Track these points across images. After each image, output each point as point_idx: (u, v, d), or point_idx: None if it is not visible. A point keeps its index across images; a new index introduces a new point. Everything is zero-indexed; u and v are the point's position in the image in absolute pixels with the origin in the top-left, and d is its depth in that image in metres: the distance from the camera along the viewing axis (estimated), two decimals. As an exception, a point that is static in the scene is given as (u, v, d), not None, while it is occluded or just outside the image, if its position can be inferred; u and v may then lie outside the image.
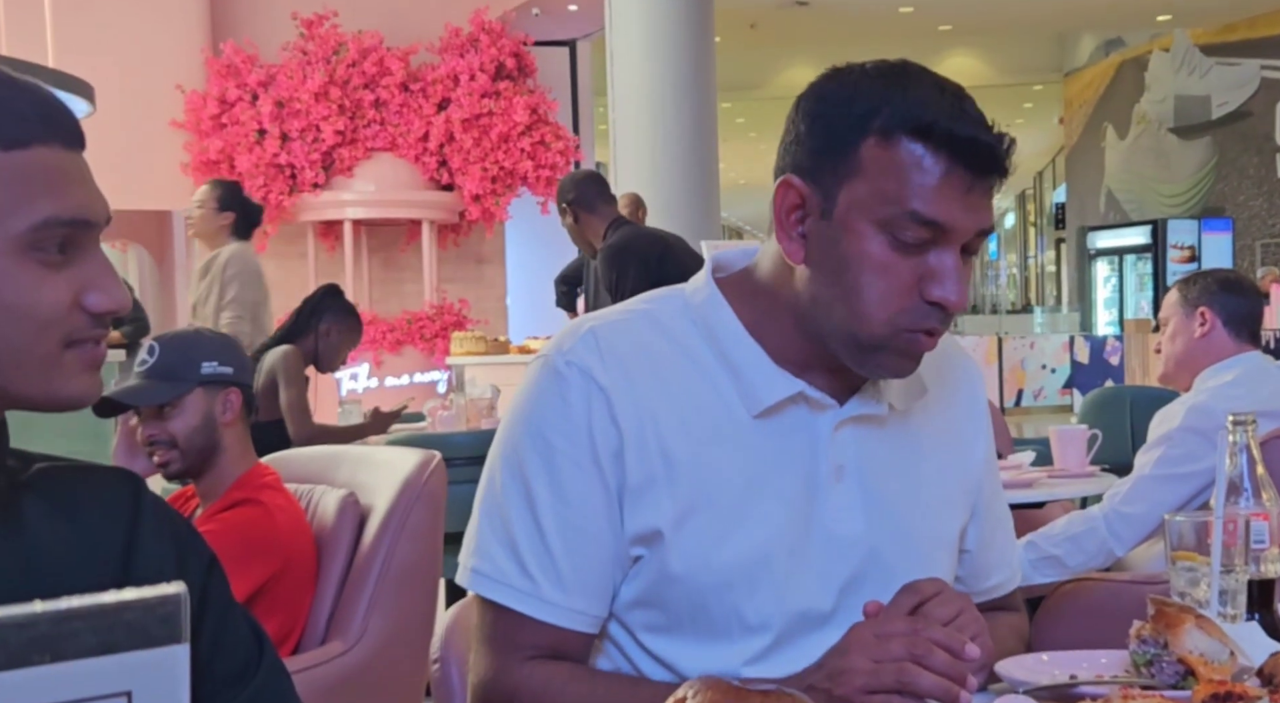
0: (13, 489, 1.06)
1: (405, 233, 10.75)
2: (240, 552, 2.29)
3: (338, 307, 4.73)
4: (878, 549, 1.36)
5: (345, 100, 9.97)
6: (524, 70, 10.44)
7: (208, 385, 2.46)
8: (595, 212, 4.86)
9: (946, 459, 1.45)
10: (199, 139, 10.01)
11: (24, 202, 0.98)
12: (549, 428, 1.32)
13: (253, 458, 2.53)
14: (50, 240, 0.99)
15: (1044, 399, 14.52)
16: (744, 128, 21.08)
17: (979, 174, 1.24)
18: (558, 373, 1.32)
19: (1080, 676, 1.32)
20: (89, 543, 1.08)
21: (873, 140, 1.24)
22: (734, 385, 1.33)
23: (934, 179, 1.22)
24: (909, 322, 1.26)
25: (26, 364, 0.99)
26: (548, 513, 1.31)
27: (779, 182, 1.30)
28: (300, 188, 9.99)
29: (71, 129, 1.03)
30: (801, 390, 1.32)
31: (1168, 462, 2.82)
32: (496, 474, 1.36)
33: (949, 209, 1.22)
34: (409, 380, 10.05)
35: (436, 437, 4.45)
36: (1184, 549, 1.41)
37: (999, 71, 19.50)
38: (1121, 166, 18.92)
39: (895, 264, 1.24)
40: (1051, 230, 24.90)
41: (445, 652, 1.52)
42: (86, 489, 1.11)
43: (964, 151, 1.22)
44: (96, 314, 1.02)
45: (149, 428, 2.45)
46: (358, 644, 2.38)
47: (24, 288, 0.98)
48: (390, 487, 2.49)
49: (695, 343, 1.35)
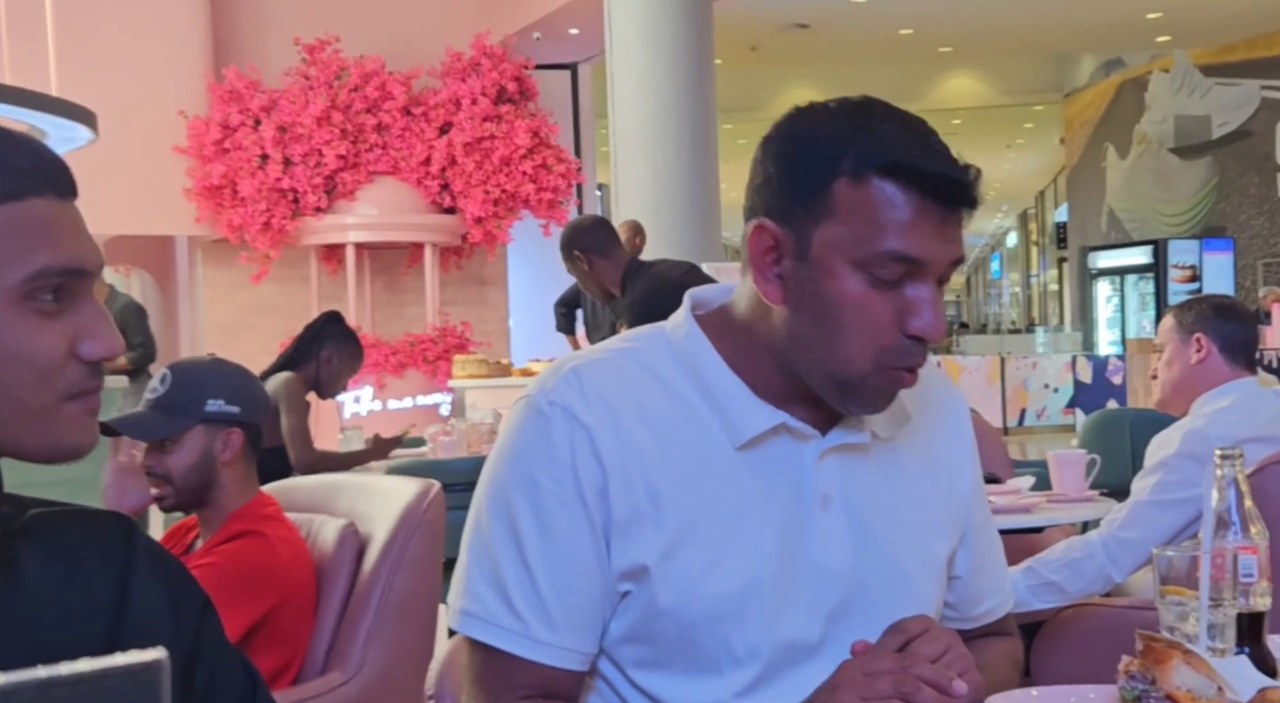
0: (7, 537, 1.07)
1: (407, 256, 10.77)
2: (241, 584, 2.29)
3: (339, 333, 4.74)
4: (865, 578, 1.36)
5: (347, 124, 10.00)
6: (525, 94, 10.48)
7: (210, 423, 2.44)
8: (609, 256, 4.81)
9: (932, 486, 1.45)
10: (202, 164, 10.04)
11: (20, 253, 0.99)
12: (534, 467, 1.32)
13: (254, 490, 2.52)
14: (45, 290, 1.01)
15: (1047, 419, 14.51)
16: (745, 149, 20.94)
17: (949, 207, 1.25)
18: (540, 412, 1.33)
19: (1071, 712, 1.32)
20: (83, 589, 1.09)
21: (843, 181, 1.25)
22: (716, 419, 1.34)
23: (907, 215, 1.23)
24: (891, 360, 1.27)
25: (26, 415, 1.01)
26: (534, 552, 1.31)
27: (752, 225, 1.31)
28: (303, 212, 10.02)
29: (64, 179, 1.05)
30: (784, 422, 1.33)
31: (1164, 487, 2.82)
32: (483, 515, 1.36)
33: (923, 244, 1.24)
34: (412, 403, 10.06)
35: (437, 463, 4.46)
36: (1173, 583, 1.41)
37: (1000, 92, 19.55)
38: (1122, 186, 18.95)
39: (873, 301, 1.25)
40: (1053, 250, 24.91)
41: (440, 689, 1.52)
42: (80, 535, 1.12)
43: (934, 187, 1.23)
44: (91, 362, 1.04)
45: (149, 459, 2.45)
46: (357, 675, 2.38)
47: (21, 337, 0.99)
48: (390, 516, 2.50)
49: (677, 378, 1.35)
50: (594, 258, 4.76)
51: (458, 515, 3.73)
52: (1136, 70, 18.48)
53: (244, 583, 2.31)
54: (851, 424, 1.37)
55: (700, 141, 8.51)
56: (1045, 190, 26.11)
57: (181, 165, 10.10)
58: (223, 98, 10.06)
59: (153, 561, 1.15)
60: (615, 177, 8.65)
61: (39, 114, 5.83)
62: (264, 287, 10.41)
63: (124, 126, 8.82)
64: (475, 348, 10.12)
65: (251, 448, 2.51)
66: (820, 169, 1.26)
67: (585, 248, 4.78)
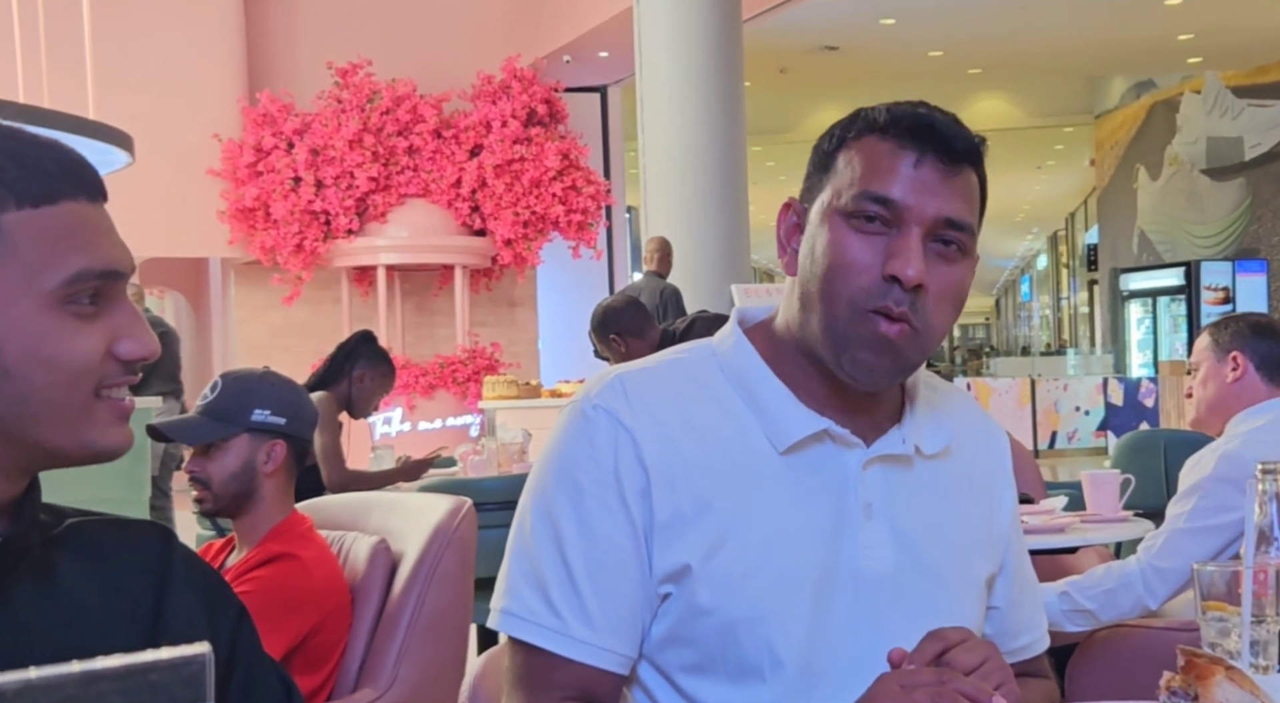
0: (46, 545, 1.07)
1: (438, 278, 10.81)
2: (279, 610, 2.30)
3: (371, 353, 4.76)
4: (905, 588, 1.36)
5: (379, 147, 10.06)
6: (555, 116, 10.52)
7: (255, 433, 2.46)
8: (644, 337, 4.80)
9: (974, 509, 1.46)
10: (235, 187, 10.12)
11: (56, 257, 1.00)
12: (577, 470, 1.34)
13: (290, 507, 2.52)
14: (82, 293, 1.01)
15: (1078, 441, 14.41)
16: (774, 171, 21.14)
17: (927, 152, 1.30)
18: (585, 417, 1.36)
19: (1109, 730, 1.31)
20: (121, 597, 1.09)
21: (844, 149, 1.34)
22: (761, 424, 1.36)
23: (890, 161, 1.30)
24: (866, 300, 1.30)
25: (60, 416, 1.01)
26: (576, 553, 1.33)
27: (781, 207, 1.40)
28: (334, 234, 10.08)
29: (95, 183, 1.05)
30: (827, 428, 1.35)
31: (1201, 513, 2.78)
32: (526, 518, 1.38)
33: (901, 187, 1.29)
34: (442, 424, 10.08)
35: (468, 482, 4.45)
36: (1214, 599, 1.40)
37: (1029, 114, 19.50)
38: (1154, 208, 18.85)
39: (857, 248, 1.30)
40: (1084, 272, 24.78)
41: (474, 700, 1.52)
42: (118, 543, 1.12)
43: (912, 131, 1.30)
44: (127, 362, 1.04)
45: (192, 463, 2.47)
46: (389, 692, 2.38)
47: (60, 340, 1.00)
48: (421, 534, 2.50)
49: (723, 387, 1.38)
50: (630, 340, 4.76)
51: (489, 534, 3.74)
52: (1168, 92, 18.40)
53: (282, 608, 2.31)
54: (894, 438, 1.39)
55: (729, 163, 8.52)
56: (1075, 212, 26.00)
57: (215, 188, 10.18)
58: (256, 121, 10.14)
59: (189, 571, 1.15)
60: (645, 198, 8.66)
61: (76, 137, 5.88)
62: (296, 308, 10.47)
63: (159, 150, 8.90)
64: (505, 369, 10.13)
65: (295, 462, 2.52)
66: (831, 145, 1.35)
67: (622, 331, 4.80)
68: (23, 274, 0.99)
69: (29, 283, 0.99)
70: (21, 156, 1.01)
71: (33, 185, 1.00)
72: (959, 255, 1.32)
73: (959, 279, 1.33)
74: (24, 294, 0.99)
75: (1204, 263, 16.95)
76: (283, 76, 10.55)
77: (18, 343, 0.99)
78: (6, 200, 0.99)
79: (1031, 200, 26.41)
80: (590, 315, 4.97)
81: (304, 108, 10.26)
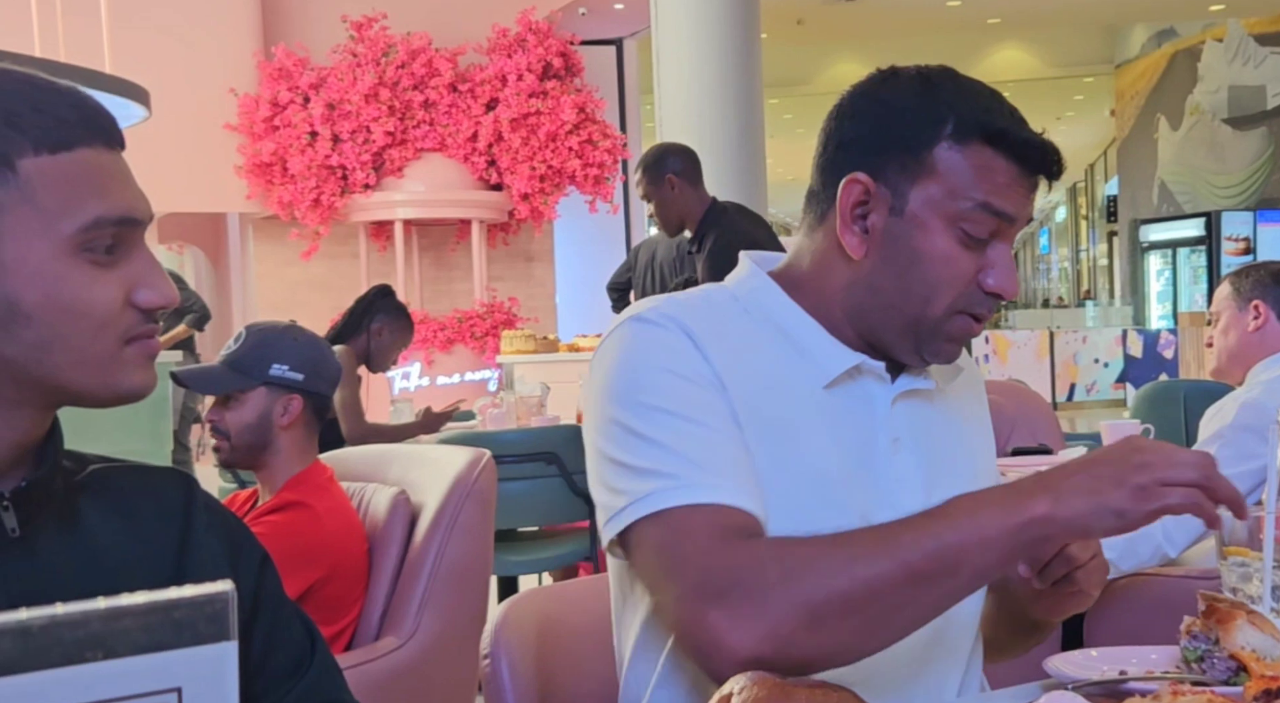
0: (69, 491, 1.08)
1: (455, 232, 10.81)
2: (286, 557, 2.32)
3: (389, 307, 4.76)
4: None
5: (395, 101, 10.03)
6: (571, 69, 10.47)
7: (272, 387, 2.49)
8: (696, 189, 4.67)
9: (980, 441, 1.54)
10: (252, 142, 10.11)
11: (72, 204, 1.00)
12: (652, 359, 1.31)
13: (311, 458, 2.55)
14: (99, 241, 1.01)
15: (1097, 394, 14.37)
16: (791, 124, 21.02)
17: (1036, 174, 1.35)
18: (649, 322, 1.34)
19: (1130, 672, 1.31)
20: (144, 542, 1.10)
21: (945, 145, 1.33)
22: (801, 359, 1.37)
23: (1006, 177, 1.33)
24: (965, 306, 1.35)
25: (86, 362, 1.01)
26: (687, 426, 1.27)
27: (846, 179, 1.36)
28: (351, 189, 10.07)
29: (111, 129, 1.05)
30: (861, 362, 1.38)
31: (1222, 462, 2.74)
32: (603, 432, 1.31)
33: (1015, 203, 1.34)
34: (460, 379, 10.10)
35: (487, 435, 4.46)
36: (1236, 545, 1.40)
37: (1049, 64, 19.33)
38: (1174, 158, 18.71)
39: (959, 257, 1.34)
40: (1103, 224, 24.64)
41: (495, 648, 1.53)
42: (141, 489, 1.13)
43: (1029, 156, 1.34)
44: (146, 310, 1.04)
45: (212, 413, 2.50)
46: (411, 640, 2.40)
47: (78, 288, 1.00)
48: (441, 485, 2.51)
49: (753, 325, 1.39)
50: (683, 185, 4.65)
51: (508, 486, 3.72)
52: (1189, 40, 18.20)
53: (289, 555, 2.33)
54: (916, 372, 1.43)
55: (746, 116, 8.46)
56: (1095, 163, 25.82)
57: (232, 143, 10.17)
58: (272, 75, 10.12)
59: (211, 517, 1.16)
60: (662, 151, 8.61)
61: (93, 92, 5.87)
62: (314, 263, 10.48)
63: (176, 104, 8.88)
64: (522, 324, 10.14)
65: (314, 417, 2.53)
66: (922, 131, 1.34)
67: (678, 172, 4.64)
68: (40, 220, 0.99)
69: (46, 229, 0.99)
70: (39, 103, 1.00)
71: (50, 132, 1.00)
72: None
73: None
74: (41, 240, 0.99)
75: (1225, 213, 16.83)
76: (297, 31, 10.51)
77: (36, 289, 0.99)
78: (24, 146, 0.99)
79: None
80: (641, 158, 4.78)
81: (319, 62, 10.23)
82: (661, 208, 4.73)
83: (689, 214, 4.66)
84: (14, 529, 1.02)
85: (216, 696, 0.55)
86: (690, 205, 4.65)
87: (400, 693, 2.36)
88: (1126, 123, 20.14)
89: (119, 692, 0.52)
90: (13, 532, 1.02)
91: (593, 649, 1.64)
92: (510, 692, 1.51)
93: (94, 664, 0.51)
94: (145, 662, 0.52)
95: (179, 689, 0.53)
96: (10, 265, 0.98)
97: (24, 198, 0.98)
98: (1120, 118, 20.47)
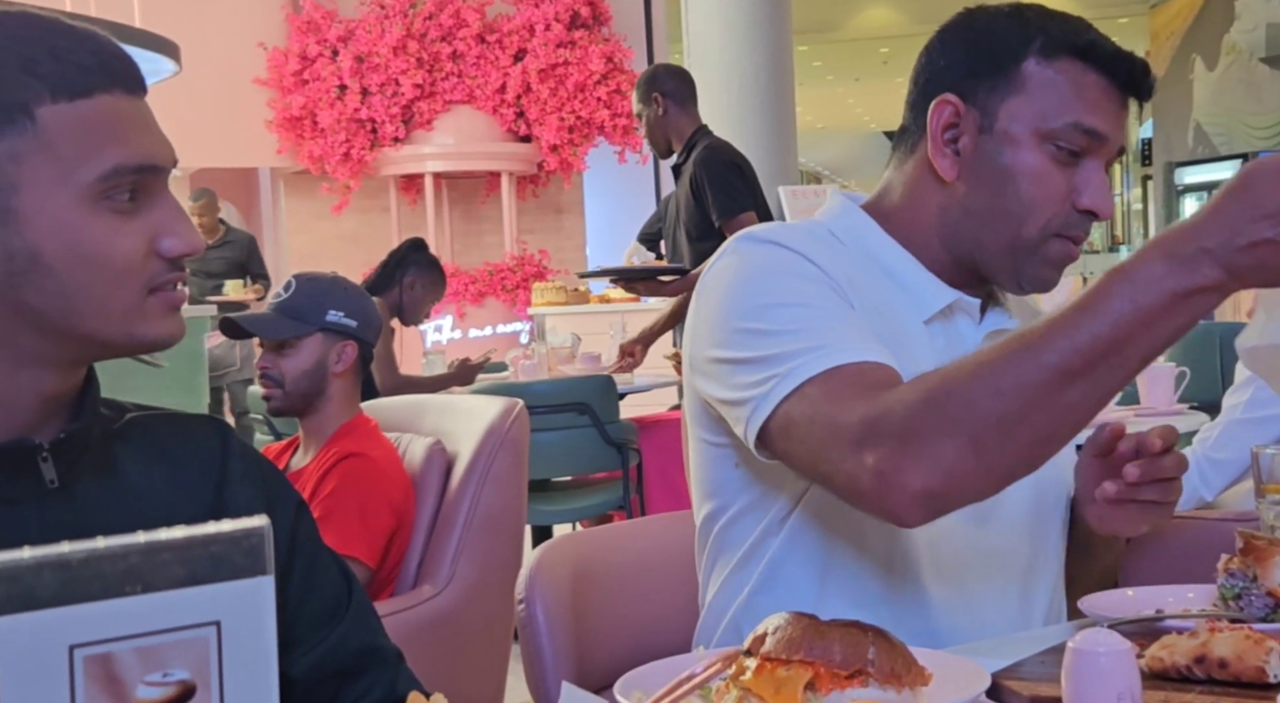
0: (106, 438, 1.09)
1: (484, 185, 10.79)
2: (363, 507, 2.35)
3: (422, 260, 4.78)
4: None
5: (423, 53, 10.00)
6: (599, 19, 10.40)
7: (328, 332, 2.51)
8: (685, 110, 4.73)
9: None
10: (282, 95, 10.10)
11: (92, 151, 0.98)
12: (771, 268, 1.33)
13: (357, 408, 2.58)
14: (120, 188, 1.00)
15: (1132, 339, 14.27)
16: (821, 71, 20.83)
17: (1128, 91, 1.35)
18: (761, 241, 1.36)
19: (1167, 610, 1.31)
20: (180, 487, 1.11)
21: (1034, 60, 1.34)
22: (902, 294, 1.39)
23: (1096, 92, 1.33)
24: (1061, 228, 1.35)
25: (111, 312, 1.01)
26: (793, 319, 1.28)
27: (936, 101, 1.37)
28: (381, 142, 10.06)
29: (132, 75, 1.03)
30: (959, 298, 1.40)
31: (1257, 404, 2.76)
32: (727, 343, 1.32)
33: (1107, 120, 1.34)
34: (492, 332, 10.12)
35: (519, 385, 4.48)
36: (1274, 483, 1.40)
37: (1083, 5, 19.06)
38: (1210, 99, 18.46)
39: (1052, 174, 1.33)
40: (1138, 167, 24.38)
41: (530, 593, 1.54)
42: (177, 436, 1.14)
43: (1118, 69, 1.34)
44: (171, 258, 1.03)
45: (264, 360, 2.51)
46: (447, 588, 2.42)
47: (99, 237, 0.99)
48: (475, 434, 2.53)
49: (853, 257, 1.40)
50: (670, 105, 4.70)
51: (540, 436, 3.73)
52: (1226, -21, 17.93)
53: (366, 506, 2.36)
54: (1000, 311, 1.45)
55: (775, 64, 8.40)
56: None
57: (262, 97, 10.17)
58: (300, 29, 10.10)
59: (247, 463, 1.17)
60: (691, 100, 8.55)
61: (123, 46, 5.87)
62: (345, 217, 10.48)
63: (206, 59, 8.87)
64: (553, 276, 10.13)
65: (361, 366, 2.56)
66: (1010, 48, 1.35)
67: (667, 92, 4.72)
68: (59, 169, 0.97)
69: (65, 177, 0.98)
70: (57, 49, 0.99)
71: (68, 79, 0.98)
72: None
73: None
74: (61, 189, 0.98)
75: (1262, 155, 16.56)
76: (324, -17, 10.48)
77: (58, 238, 0.98)
78: (41, 93, 0.97)
79: (1085, 95, 25.85)
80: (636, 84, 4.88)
81: (347, 15, 10.19)
82: (650, 127, 4.80)
83: (675, 134, 4.73)
84: (53, 480, 1.03)
85: (255, 629, 0.55)
86: (679, 126, 4.73)
87: (437, 640, 2.38)
88: (1161, 64, 19.87)
89: (160, 624, 0.53)
90: (52, 483, 1.03)
91: (627, 592, 1.66)
92: (546, 635, 1.52)
93: (134, 598, 0.52)
94: (183, 595, 0.53)
95: (218, 623, 0.54)
96: (30, 215, 0.97)
97: (42, 146, 0.97)
98: (1155, 59, 20.19)
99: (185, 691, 0.53)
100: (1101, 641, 0.96)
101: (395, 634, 1.25)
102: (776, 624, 1.04)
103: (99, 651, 0.51)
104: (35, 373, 1.02)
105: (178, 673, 0.53)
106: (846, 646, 1.01)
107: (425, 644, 2.34)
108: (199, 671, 0.53)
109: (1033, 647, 1.26)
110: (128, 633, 0.52)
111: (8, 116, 0.97)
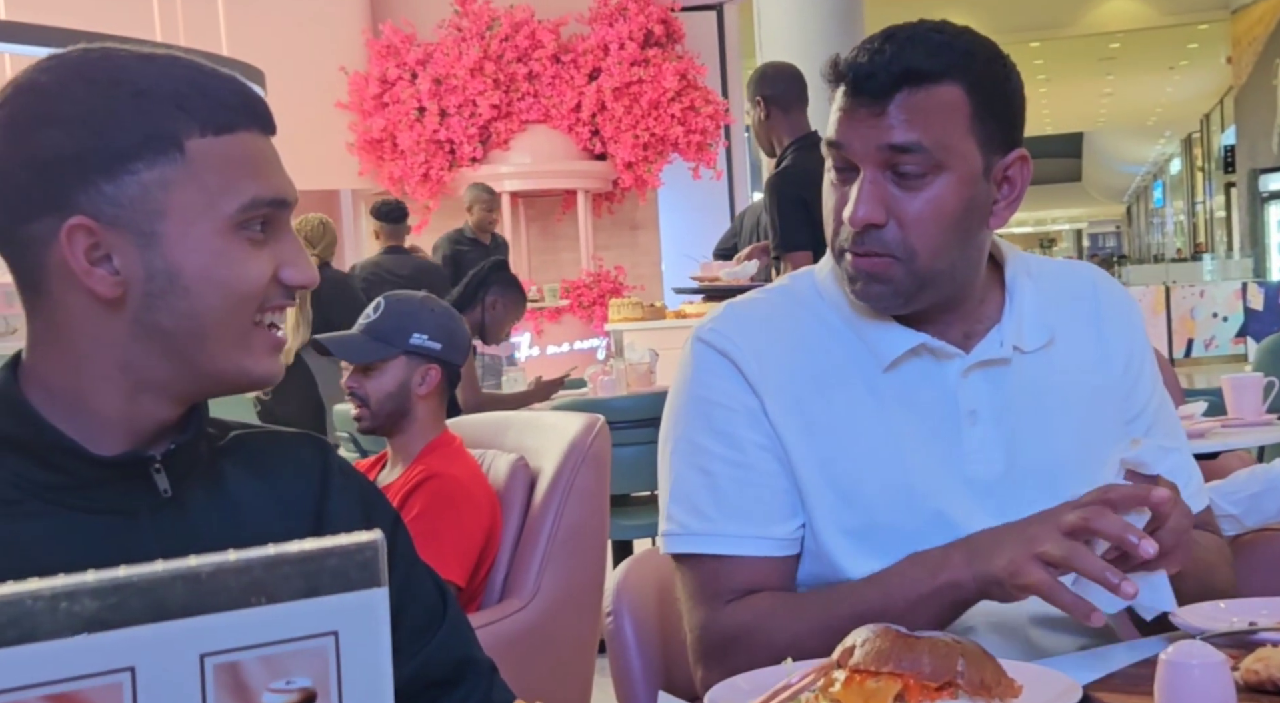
0: (213, 454, 1.14)
1: (561, 203, 10.86)
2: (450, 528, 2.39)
3: (504, 280, 4.83)
4: (1019, 489, 1.39)
5: (499, 74, 10.10)
6: (672, 37, 10.44)
7: (412, 355, 2.54)
8: (789, 115, 4.61)
9: (1100, 387, 1.47)
10: (362, 118, 10.25)
11: (233, 183, 1.05)
12: (704, 389, 1.43)
13: (442, 427, 2.61)
14: (254, 220, 1.07)
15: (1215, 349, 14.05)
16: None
17: (848, 91, 1.35)
18: (695, 348, 1.45)
19: (1261, 622, 1.30)
20: (284, 502, 1.15)
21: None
22: (862, 344, 1.41)
23: (834, 109, 1.37)
24: (840, 243, 1.38)
25: (224, 336, 1.07)
26: (715, 459, 1.40)
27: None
28: (459, 163, 10.17)
29: (266, 116, 1.11)
30: (924, 342, 1.40)
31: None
32: (665, 445, 1.46)
33: (839, 129, 1.35)
34: (569, 348, 10.17)
35: (598, 401, 4.51)
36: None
37: (1162, 13, 18.81)
38: (1296, 105, 18.13)
39: (832, 196, 1.39)
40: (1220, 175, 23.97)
41: (617, 605, 1.56)
42: (280, 453, 1.18)
43: (837, 72, 1.37)
44: (289, 287, 1.10)
45: (352, 380, 2.55)
46: (532, 601, 2.45)
47: (234, 263, 1.06)
48: (557, 450, 2.55)
49: (825, 311, 1.45)
50: (773, 110, 4.60)
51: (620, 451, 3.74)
52: (1310, -17, 17.61)
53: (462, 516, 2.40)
54: (991, 342, 1.42)
55: (851, 76, 8.37)
56: (1211, 113, 25.11)
57: (344, 120, 10.32)
58: (380, 53, 10.25)
59: (345, 479, 1.21)
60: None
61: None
62: (424, 237, 10.60)
63: (289, 84, 9.02)
64: (629, 292, 10.17)
65: (447, 386, 2.59)
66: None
67: (768, 96, 4.61)
68: (203, 198, 1.04)
69: (208, 207, 1.04)
70: (205, 87, 1.06)
71: (214, 115, 1.05)
72: (923, 178, 1.33)
73: (931, 200, 1.33)
74: (204, 217, 1.04)
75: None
76: (404, 7, 10.61)
77: (196, 262, 1.04)
78: (191, 127, 1.04)
79: (1163, 103, 25.52)
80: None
81: (425, 38, 10.33)
82: (755, 128, 4.72)
83: (778, 139, 4.61)
84: (166, 490, 1.09)
85: (371, 640, 0.57)
86: (779, 132, 4.60)
87: (524, 652, 2.41)
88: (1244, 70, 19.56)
89: (283, 634, 0.55)
90: (165, 492, 1.09)
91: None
92: (635, 648, 1.54)
93: (258, 609, 0.54)
94: (304, 606, 0.55)
95: (335, 633, 0.56)
96: (175, 240, 1.03)
97: (190, 176, 1.04)
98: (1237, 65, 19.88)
99: (307, 697, 0.55)
100: (1195, 653, 0.96)
101: (485, 647, 1.28)
102: (865, 636, 1.05)
103: (228, 659, 0.54)
104: (154, 399, 1.08)
105: (300, 680, 0.55)
106: (936, 657, 1.02)
107: (511, 657, 2.34)
108: (319, 678, 0.56)
109: (1125, 659, 1.25)
110: (254, 642, 0.54)
111: (161, 148, 1.03)
